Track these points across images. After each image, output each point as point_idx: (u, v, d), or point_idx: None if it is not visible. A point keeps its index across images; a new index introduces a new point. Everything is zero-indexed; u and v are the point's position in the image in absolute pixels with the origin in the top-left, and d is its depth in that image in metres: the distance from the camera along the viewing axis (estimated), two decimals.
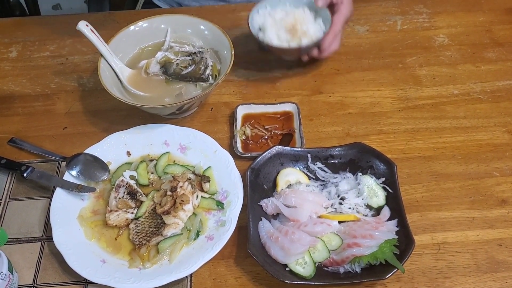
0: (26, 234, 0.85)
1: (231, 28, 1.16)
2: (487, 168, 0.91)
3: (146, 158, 0.92)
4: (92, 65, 1.10)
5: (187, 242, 0.82)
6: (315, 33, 1.01)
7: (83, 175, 0.88)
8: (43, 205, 0.88)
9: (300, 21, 1.00)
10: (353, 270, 0.76)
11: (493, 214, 0.85)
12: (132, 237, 0.82)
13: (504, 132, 0.96)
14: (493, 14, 1.18)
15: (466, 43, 1.12)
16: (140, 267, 0.79)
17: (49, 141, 0.98)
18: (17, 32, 1.19)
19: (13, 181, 0.92)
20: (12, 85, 1.08)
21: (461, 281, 0.78)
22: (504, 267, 0.79)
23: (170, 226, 0.82)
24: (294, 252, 0.76)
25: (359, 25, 1.17)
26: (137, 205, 0.85)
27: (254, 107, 0.99)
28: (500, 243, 0.82)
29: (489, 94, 1.03)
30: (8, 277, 0.74)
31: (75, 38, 1.16)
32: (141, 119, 0.98)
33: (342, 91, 1.04)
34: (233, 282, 0.79)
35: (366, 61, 1.10)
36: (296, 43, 1.00)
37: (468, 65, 1.08)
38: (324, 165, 0.88)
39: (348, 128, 0.98)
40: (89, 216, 0.85)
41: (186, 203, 0.83)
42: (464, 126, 0.97)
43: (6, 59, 1.14)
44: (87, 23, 0.96)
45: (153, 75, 1.01)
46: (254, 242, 0.78)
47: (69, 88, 1.07)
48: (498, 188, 0.88)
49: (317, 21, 1.03)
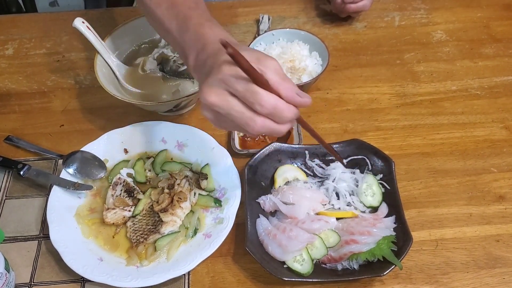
0: (23, 232, 0.85)
1: (228, 25, 1.16)
2: (484, 164, 0.91)
3: (143, 156, 0.92)
4: (88, 62, 1.10)
5: (185, 239, 0.82)
6: (314, 68, 1.01)
7: (80, 173, 0.88)
8: (40, 203, 0.88)
9: (299, 58, 1.01)
10: (351, 267, 0.76)
11: (490, 210, 0.85)
12: (129, 235, 0.82)
13: (501, 128, 0.96)
14: (491, 10, 1.18)
15: (464, 39, 1.12)
16: (137, 265, 0.79)
17: (45, 139, 0.97)
18: (13, 29, 1.19)
19: (10, 179, 0.92)
20: (8, 83, 1.08)
21: (459, 277, 0.78)
22: (501, 263, 0.79)
23: (168, 224, 0.81)
24: (292, 249, 0.76)
25: (357, 21, 1.17)
26: (134, 203, 0.85)
27: None
28: (498, 239, 0.82)
29: (486, 90, 1.03)
30: (4, 276, 0.74)
31: (72, 35, 1.15)
32: (138, 117, 0.98)
33: (340, 88, 1.04)
34: (231, 280, 0.79)
35: (363, 57, 1.09)
36: (296, 80, 1.00)
37: (466, 61, 1.08)
38: (322, 162, 0.88)
39: (346, 124, 0.98)
40: (86, 214, 0.85)
41: (183, 201, 0.83)
42: (462, 122, 0.97)
43: (2, 56, 1.13)
44: (83, 20, 0.95)
45: (150, 72, 1.00)
46: (252, 239, 0.78)
47: (65, 85, 1.07)
48: (496, 184, 0.88)
49: (313, 55, 1.03)
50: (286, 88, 0.62)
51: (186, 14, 0.74)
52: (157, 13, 0.78)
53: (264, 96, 0.60)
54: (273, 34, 1.06)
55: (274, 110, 0.61)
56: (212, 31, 0.70)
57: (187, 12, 0.74)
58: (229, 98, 0.61)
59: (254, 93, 0.60)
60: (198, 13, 0.74)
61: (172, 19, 0.75)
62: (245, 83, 0.60)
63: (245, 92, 0.60)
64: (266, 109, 0.60)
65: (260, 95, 0.60)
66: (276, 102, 0.61)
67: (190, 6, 0.75)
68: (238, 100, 0.61)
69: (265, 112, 0.61)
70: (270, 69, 0.62)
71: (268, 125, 0.62)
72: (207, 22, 0.72)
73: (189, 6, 0.75)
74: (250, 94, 0.60)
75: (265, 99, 0.60)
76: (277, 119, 0.62)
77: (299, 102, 0.63)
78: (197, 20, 0.72)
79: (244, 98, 0.61)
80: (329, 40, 1.12)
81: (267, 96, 0.60)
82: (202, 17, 0.73)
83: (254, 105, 0.60)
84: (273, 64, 0.63)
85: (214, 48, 0.66)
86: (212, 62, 0.64)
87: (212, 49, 0.67)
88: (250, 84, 0.60)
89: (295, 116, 0.63)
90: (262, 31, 1.12)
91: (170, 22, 0.75)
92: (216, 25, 0.72)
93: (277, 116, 0.61)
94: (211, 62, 0.65)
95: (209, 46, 0.68)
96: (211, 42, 0.68)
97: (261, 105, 0.60)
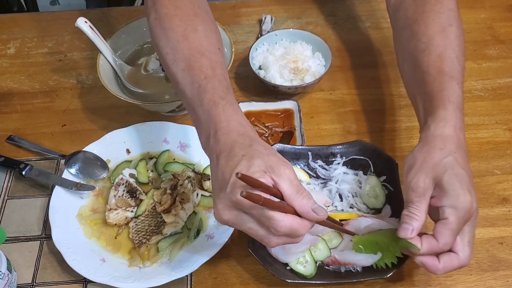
0: (25, 232, 0.85)
1: (231, 25, 1.15)
2: (488, 166, 0.91)
3: (145, 156, 0.92)
4: (91, 62, 1.10)
5: (187, 240, 0.81)
6: (317, 69, 1.00)
7: (82, 173, 0.88)
8: (42, 204, 0.88)
9: (302, 59, 1.00)
10: (354, 268, 0.76)
11: (494, 212, 0.85)
12: (132, 235, 0.82)
13: (505, 130, 0.96)
14: (495, 11, 1.17)
15: (467, 40, 1.10)
16: (140, 266, 0.79)
17: (47, 139, 0.97)
18: (15, 28, 1.18)
19: (12, 179, 0.91)
20: (10, 82, 1.08)
21: (462, 279, 0.77)
22: (505, 266, 0.79)
23: (170, 225, 0.81)
24: (295, 251, 0.75)
25: (361, 22, 1.16)
26: (136, 204, 0.85)
27: (254, 104, 0.98)
28: (501, 241, 0.81)
29: (490, 91, 1.02)
30: (7, 276, 0.74)
31: (74, 34, 1.15)
32: (141, 117, 0.97)
33: (343, 88, 1.03)
34: (234, 281, 0.78)
35: (367, 58, 1.09)
36: (299, 81, 0.99)
37: (469, 62, 1.07)
38: (325, 163, 0.88)
39: (349, 125, 0.97)
40: (88, 215, 0.85)
41: (186, 202, 0.83)
42: (465, 123, 0.95)
43: (4, 56, 1.13)
44: (86, 20, 0.95)
45: (152, 72, 1.00)
46: (255, 241, 0.77)
47: (67, 85, 1.07)
48: (499, 186, 0.88)
49: (316, 55, 1.02)
50: (302, 205, 0.61)
51: (201, 85, 0.70)
52: (173, 70, 0.74)
53: (280, 221, 0.60)
54: (276, 35, 1.06)
55: (290, 231, 0.61)
56: (225, 114, 0.67)
57: (202, 82, 0.70)
58: (244, 217, 0.62)
59: (268, 218, 0.60)
60: (214, 86, 0.69)
61: (187, 84, 0.72)
62: (260, 209, 0.60)
63: (259, 216, 0.60)
64: (282, 233, 0.61)
65: (276, 220, 0.59)
66: (291, 225, 0.60)
67: (207, 75, 0.71)
68: (253, 220, 0.61)
69: (281, 234, 0.61)
70: (284, 180, 0.61)
71: (283, 241, 0.63)
72: (221, 100, 0.68)
73: (206, 74, 0.71)
74: (265, 219, 0.60)
75: (280, 224, 0.60)
76: (293, 236, 0.62)
77: (314, 219, 0.62)
78: (211, 96, 0.68)
79: (259, 221, 0.61)
80: (332, 41, 1.12)
81: (282, 221, 0.60)
82: (217, 92, 0.69)
83: (270, 229, 0.61)
84: (287, 174, 0.61)
85: (226, 144, 0.64)
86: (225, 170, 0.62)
87: (224, 144, 0.64)
88: (265, 210, 0.60)
89: (309, 229, 0.63)
90: (265, 31, 1.12)
91: (185, 86, 0.72)
92: (230, 106, 0.68)
93: (293, 234, 0.62)
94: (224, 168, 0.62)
95: (221, 138, 0.65)
96: (222, 133, 0.65)
97: (276, 230, 0.60)
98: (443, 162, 0.67)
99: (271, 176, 0.61)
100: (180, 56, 0.74)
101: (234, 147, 0.63)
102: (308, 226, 0.63)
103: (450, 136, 0.69)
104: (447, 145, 0.68)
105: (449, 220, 0.65)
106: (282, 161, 0.63)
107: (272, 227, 0.60)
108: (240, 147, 0.63)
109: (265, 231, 0.62)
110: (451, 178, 0.65)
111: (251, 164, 0.61)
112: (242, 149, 0.63)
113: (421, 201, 0.66)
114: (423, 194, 0.66)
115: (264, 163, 0.61)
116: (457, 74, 0.75)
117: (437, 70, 0.75)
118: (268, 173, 0.61)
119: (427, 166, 0.67)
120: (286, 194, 0.61)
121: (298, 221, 0.61)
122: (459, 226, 0.65)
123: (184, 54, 0.74)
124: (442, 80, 0.74)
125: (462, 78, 0.76)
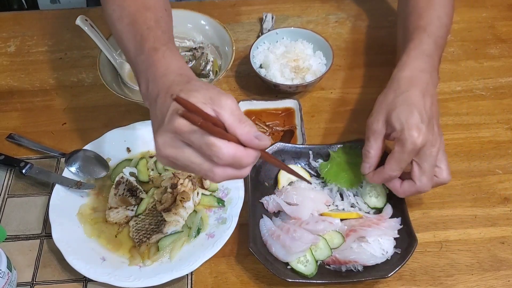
0: (25, 231, 0.84)
1: (231, 23, 1.15)
2: (489, 166, 0.90)
3: (146, 155, 0.91)
4: (91, 60, 1.09)
5: (188, 239, 0.81)
6: (317, 68, 1.00)
7: (83, 172, 0.87)
8: (42, 202, 0.87)
9: (303, 57, 1.00)
10: (355, 268, 0.76)
11: (495, 212, 0.85)
12: (132, 234, 0.82)
13: (507, 129, 0.96)
14: (496, 10, 1.17)
15: (468, 39, 1.12)
16: (140, 265, 0.79)
17: (48, 137, 0.97)
18: (15, 27, 1.18)
19: (12, 177, 0.91)
20: (11, 80, 1.07)
21: (464, 279, 0.77)
22: (506, 265, 0.79)
23: (171, 224, 0.81)
24: (295, 250, 0.75)
25: (361, 21, 1.16)
26: (137, 202, 0.85)
27: (255, 103, 0.98)
28: (503, 241, 0.81)
29: (491, 90, 1.02)
30: (7, 275, 0.74)
31: (74, 32, 1.15)
32: (141, 115, 0.97)
33: (344, 87, 1.03)
34: (234, 280, 0.78)
35: (368, 57, 1.09)
36: (300, 80, 0.99)
37: (471, 61, 1.07)
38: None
39: (350, 124, 0.97)
40: (88, 213, 0.85)
41: (186, 200, 0.83)
42: (467, 123, 0.97)
43: (4, 54, 1.12)
44: (87, 18, 0.95)
45: None
46: (255, 240, 0.78)
47: (68, 83, 1.06)
48: (501, 186, 0.88)
49: (316, 54, 1.02)
50: (244, 133, 0.57)
51: (143, 35, 0.70)
52: (118, 27, 0.76)
53: (221, 148, 0.56)
54: (277, 33, 1.05)
55: (233, 159, 0.57)
56: (165, 59, 0.66)
57: (145, 32, 0.71)
58: (185, 150, 0.58)
59: (210, 145, 0.56)
60: (156, 35, 0.70)
61: (130, 38, 0.72)
62: (200, 135, 0.56)
63: (200, 144, 0.57)
64: (225, 161, 0.57)
65: (217, 147, 0.56)
66: (234, 152, 0.57)
67: (150, 26, 0.71)
68: (195, 151, 0.58)
69: (224, 163, 0.58)
70: (225, 110, 0.58)
71: (228, 173, 0.59)
72: (162, 46, 0.68)
73: (149, 25, 0.71)
74: (206, 147, 0.56)
75: (222, 151, 0.56)
76: (237, 166, 0.59)
77: (258, 146, 0.58)
78: (152, 44, 0.68)
79: (200, 150, 0.57)
80: (333, 40, 1.11)
81: (224, 147, 0.56)
82: (159, 40, 0.69)
83: (212, 158, 0.57)
84: (228, 104, 0.58)
85: (164, 83, 0.63)
86: (163, 107, 0.60)
87: (162, 84, 0.63)
88: (205, 136, 0.56)
89: (255, 159, 0.60)
90: (266, 30, 1.12)
91: (128, 40, 0.73)
92: (171, 51, 0.68)
93: (237, 164, 0.59)
94: (162, 106, 0.60)
95: (159, 80, 0.64)
96: (161, 75, 0.64)
97: (218, 158, 0.56)
98: (394, 101, 0.76)
99: (212, 108, 0.58)
100: (126, 12, 0.75)
101: (172, 85, 0.60)
102: (252, 156, 0.58)
103: (405, 77, 0.78)
104: (401, 85, 0.77)
105: (394, 151, 0.74)
106: (222, 92, 0.60)
107: (214, 155, 0.56)
108: (177, 84, 0.61)
109: (209, 163, 0.58)
110: (398, 114, 0.74)
111: (189, 96, 0.57)
112: (179, 86, 0.60)
113: (375, 139, 0.77)
114: (376, 132, 0.77)
115: (203, 95, 0.58)
116: (431, 28, 0.84)
117: (414, 26, 0.85)
118: (209, 104, 0.58)
119: (381, 107, 0.78)
120: (228, 123, 0.57)
121: (241, 149, 0.58)
122: (402, 156, 0.74)
123: (129, 10, 0.75)
124: (415, 33, 0.84)
125: (440, 32, 0.86)
